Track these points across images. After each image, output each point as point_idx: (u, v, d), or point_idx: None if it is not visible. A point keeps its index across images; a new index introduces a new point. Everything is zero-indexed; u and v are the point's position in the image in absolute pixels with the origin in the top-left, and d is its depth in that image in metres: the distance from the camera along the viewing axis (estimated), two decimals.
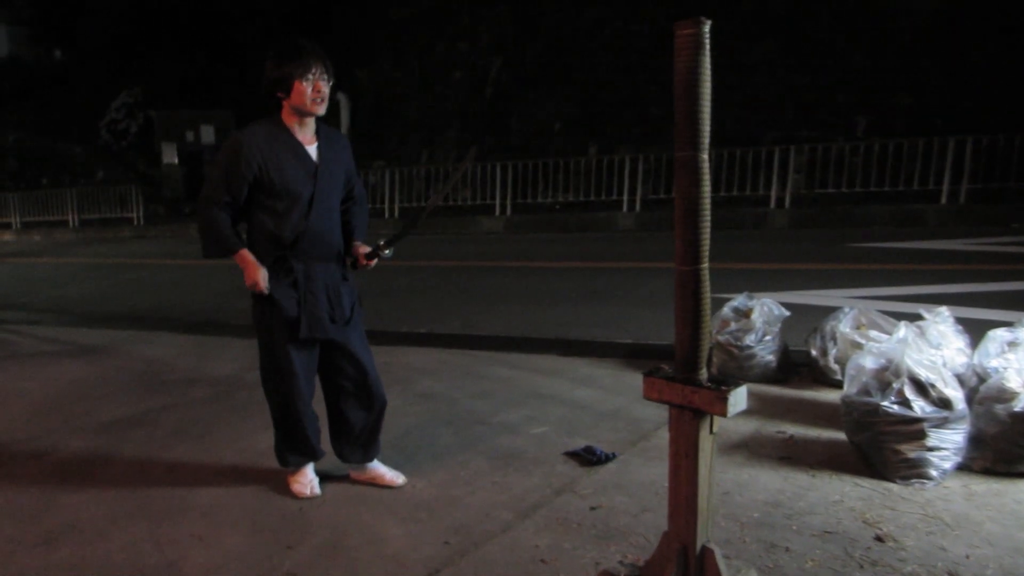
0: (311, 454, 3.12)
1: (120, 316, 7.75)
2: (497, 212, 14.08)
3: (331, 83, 2.85)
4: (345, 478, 3.20)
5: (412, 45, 18.86)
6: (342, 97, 16.51)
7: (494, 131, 16.78)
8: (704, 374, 1.92)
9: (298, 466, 3.12)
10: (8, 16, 25.04)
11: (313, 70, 2.76)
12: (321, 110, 2.84)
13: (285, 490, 3.10)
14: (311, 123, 2.90)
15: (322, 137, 2.93)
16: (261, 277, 2.84)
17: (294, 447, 3.09)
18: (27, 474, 3.47)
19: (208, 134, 20.28)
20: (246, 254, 2.85)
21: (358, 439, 3.11)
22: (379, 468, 3.17)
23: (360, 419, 3.08)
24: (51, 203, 19.46)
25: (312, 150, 2.89)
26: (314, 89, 2.78)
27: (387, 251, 2.96)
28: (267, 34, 21.21)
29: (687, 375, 1.92)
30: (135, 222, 18.26)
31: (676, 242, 1.88)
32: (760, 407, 3.78)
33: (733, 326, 4.25)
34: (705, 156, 1.81)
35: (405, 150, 18.07)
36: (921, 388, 2.92)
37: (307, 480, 3.10)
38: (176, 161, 19.66)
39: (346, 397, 3.06)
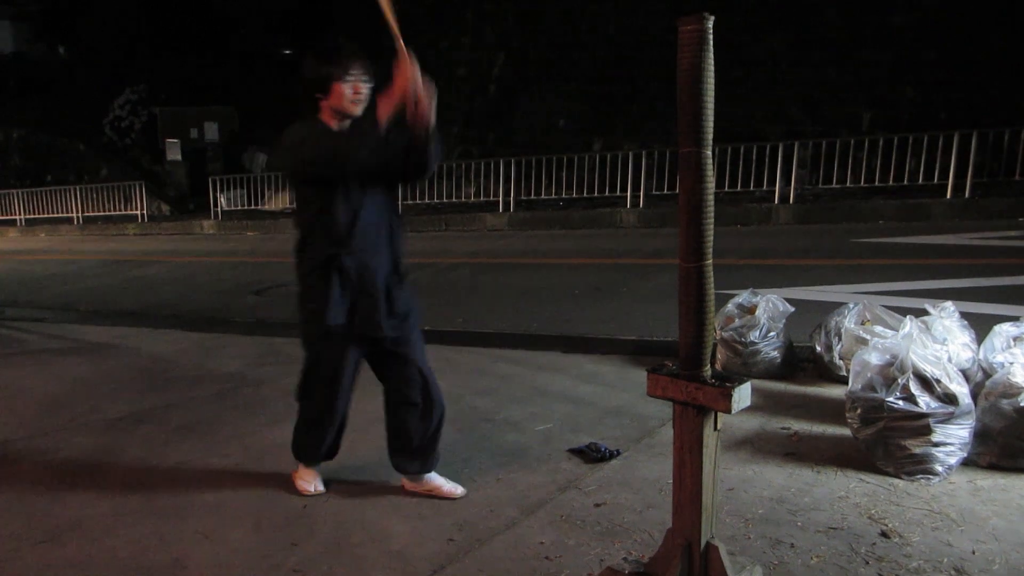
0: (331, 455, 3.14)
1: (125, 313, 7.77)
2: (501, 209, 14.06)
3: (371, 83, 2.76)
4: (350, 474, 3.21)
5: (415, 42, 18.81)
6: None
7: (497, 128, 16.76)
8: (708, 371, 1.92)
9: (312, 464, 3.12)
10: (12, 12, 25.08)
11: (353, 71, 2.70)
12: (359, 111, 2.76)
13: (290, 487, 3.10)
14: (348, 123, 2.80)
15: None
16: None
17: (317, 447, 3.08)
18: (33, 471, 3.48)
19: (212, 131, 20.31)
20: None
21: (417, 450, 3.00)
22: (436, 480, 3.04)
23: (420, 428, 2.98)
24: (55, 200, 19.48)
25: None
26: (354, 91, 2.72)
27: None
28: (270, 31, 21.25)
29: (691, 371, 1.91)
30: (139, 219, 18.29)
31: (680, 238, 1.87)
32: (764, 403, 3.78)
33: (737, 322, 4.24)
34: (708, 152, 1.81)
35: None
36: (926, 384, 2.92)
37: (312, 477, 3.11)
38: (180, 158, 19.68)
39: (408, 406, 2.97)
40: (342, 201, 2.74)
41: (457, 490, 3.03)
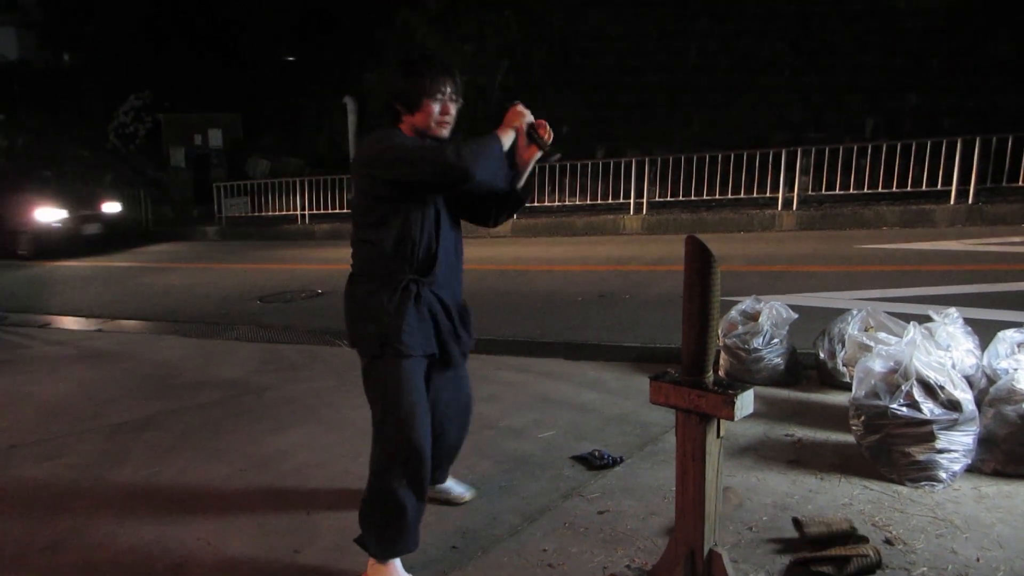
0: (416, 537, 2.51)
1: (128, 319, 7.78)
2: None
3: (459, 104, 2.51)
4: (353, 481, 3.20)
5: (418, 48, 18.89)
6: (348, 100, 16.54)
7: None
8: (711, 377, 1.92)
9: (394, 557, 2.48)
10: (17, 20, 25.17)
11: (445, 88, 2.45)
12: (446, 133, 2.50)
13: (292, 493, 3.10)
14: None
15: None
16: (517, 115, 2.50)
17: (403, 529, 2.44)
18: (36, 477, 3.49)
19: (216, 137, 20.34)
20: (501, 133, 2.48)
21: (452, 459, 2.95)
22: (446, 483, 3.03)
23: (460, 440, 2.90)
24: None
25: None
26: (443, 111, 2.46)
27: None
28: (274, 38, 21.30)
29: (694, 379, 1.91)
30: (143, 225, 18.32)
31: (684, 244, 1.87)
32: (768, 410, 3.77)
33: (740, 329, 4.23)
34: None
35: None
36: (930, 390, 2.91)
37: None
38: (184, 165, 19.72)
39: (450, 419, 2.80)
40: (424, 224, 2.49)
41: (467, 494, 3.02)
